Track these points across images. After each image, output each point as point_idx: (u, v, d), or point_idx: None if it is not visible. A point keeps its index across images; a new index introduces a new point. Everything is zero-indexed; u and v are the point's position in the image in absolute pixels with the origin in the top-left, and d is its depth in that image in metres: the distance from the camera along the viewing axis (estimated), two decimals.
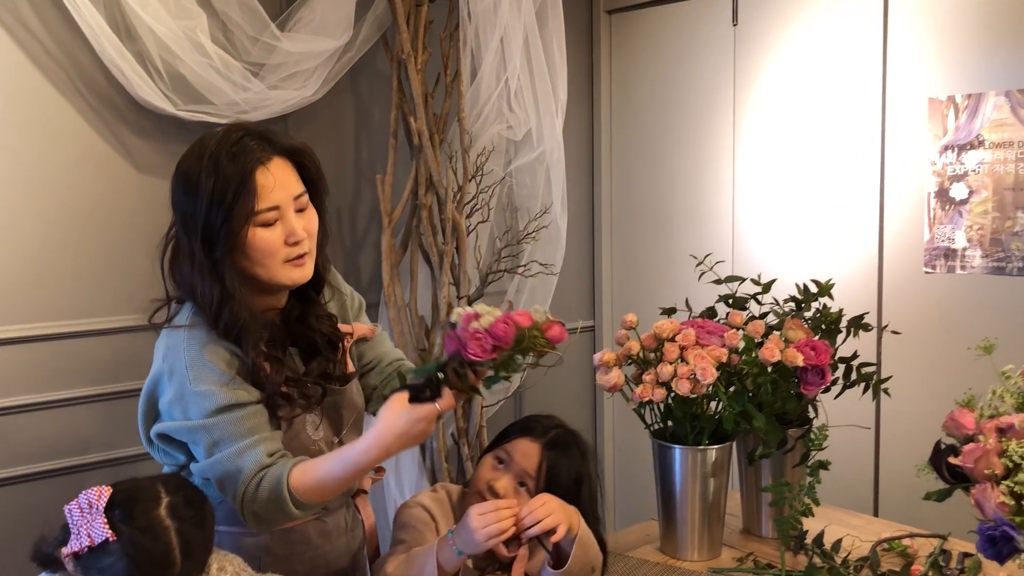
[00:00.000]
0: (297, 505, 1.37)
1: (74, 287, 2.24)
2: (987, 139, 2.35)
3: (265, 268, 1.44)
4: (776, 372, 1.71)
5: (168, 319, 1.48)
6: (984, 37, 2.35)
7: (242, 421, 1.40)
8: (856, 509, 2.09)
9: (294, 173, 1.46)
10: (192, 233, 1.41)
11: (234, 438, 1.39)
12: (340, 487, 1.42)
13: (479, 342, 1.33)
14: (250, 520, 1.40)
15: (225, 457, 1.39)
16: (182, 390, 1.41)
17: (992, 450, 1.14)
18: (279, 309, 1.55)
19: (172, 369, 1.42)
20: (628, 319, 1.77)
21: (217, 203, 1.38)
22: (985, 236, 2.38)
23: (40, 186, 2.17)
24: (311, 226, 1.48)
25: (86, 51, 2.16)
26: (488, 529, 1.46)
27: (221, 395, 1.39)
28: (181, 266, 1.45)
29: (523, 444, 1.67)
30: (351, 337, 1.66)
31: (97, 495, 1.24)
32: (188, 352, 1.42)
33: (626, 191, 3.32)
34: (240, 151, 1.40)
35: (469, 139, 2.58)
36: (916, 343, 2.50)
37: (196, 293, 1.43)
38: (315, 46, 2.38)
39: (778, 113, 2.82)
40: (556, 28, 2.69)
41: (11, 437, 2.17)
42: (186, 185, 1.42)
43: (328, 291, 1.65)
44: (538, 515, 1.50)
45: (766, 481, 1.84)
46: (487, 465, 1.68)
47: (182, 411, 1.42)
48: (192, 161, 1.42)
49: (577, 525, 1.57)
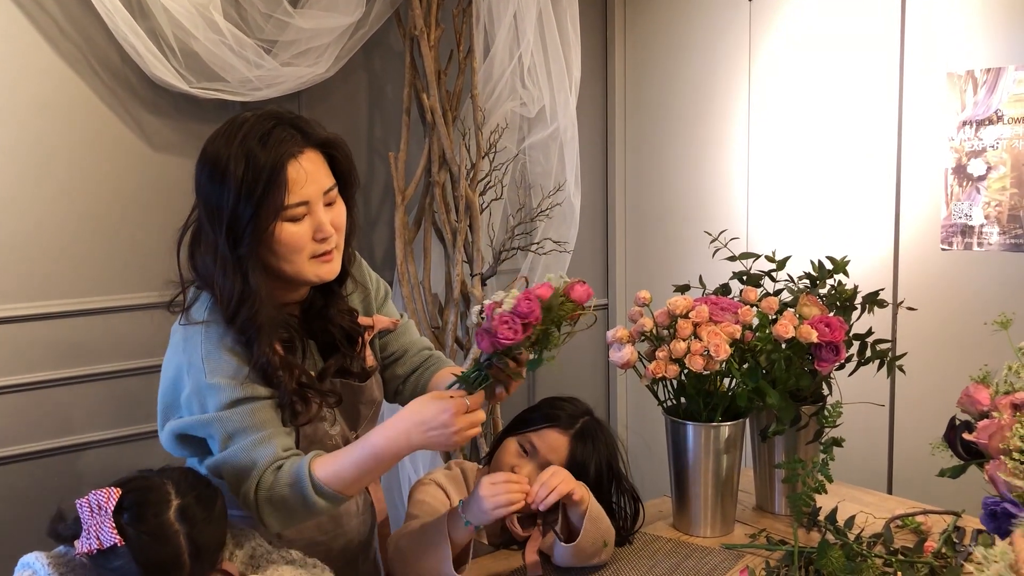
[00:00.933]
0: (319, 492, 1.34)
1: (91, 265, 2.26)
2: (1006, 114, 2.33)
3: (291, 264, 1.40)
4: (790, 349, 1.71)
5: (185, 308, 1.44)
6: (1004, 10, 2.32)
7: (255, 413, 1.38)
8: (870, 486, 2.09)
9: (325, 166, 1.42)
10: (217, 225, 1.36)
11: (248, 430, 1.37)
12: (362, 477, 1.37)
13: (508, 325, 1.31)
14: (266, 513, 1.36)
15: (240, 449, 1.36)
16: (198, 383, 1.38)
17: (1007, 425, 1.13)
18: (299, 303, 1.52)
19: (190, 362, 1.40)
20: (641, 296, 1.77)
21: (246, 195, 1.33)
22: (1003, 213, 2.35)
23: (56, 165, 2.18)
24: (339, 220, 1.43)
25: (100, 29, 2.17)
26: (497, 499, 1.45)
27: (236, 389, 1.37)
28: (203, 255, 1.41)
29: (550, 436, 1.66)
30: (372, 330, 1.63)
31: (107, 497, 1.22)
32: (205, 345, 1.39)
33: (640, 168, 3.30)
34: (273, 142, 1.35)
35: (482, 116, 2.57)
36: (932, 320, 2.48)
37: (215, 286, 1.39)
38: (327, 23, 2.38)
39: (794, 89, 2.80)
40: (570, 4, 2.68)
41: (20, 415, 2.19)
42: (213, 172, 1.36)
43: (351, 284, 1.60)
44: (551, 484, 1.51)
45: (779, 458, 1.84)
46: (511, 451, 1.68)
47: (199, 404, 1.39)
48: (220, 146, 1.37)
49: (587, 499, 1.58)
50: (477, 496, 1.47)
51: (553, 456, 1.65)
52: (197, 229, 1.43)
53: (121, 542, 1.19)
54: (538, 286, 1.35)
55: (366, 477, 1.37)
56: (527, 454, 1.66)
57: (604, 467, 1.70)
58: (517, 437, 1.69)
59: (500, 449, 1.71)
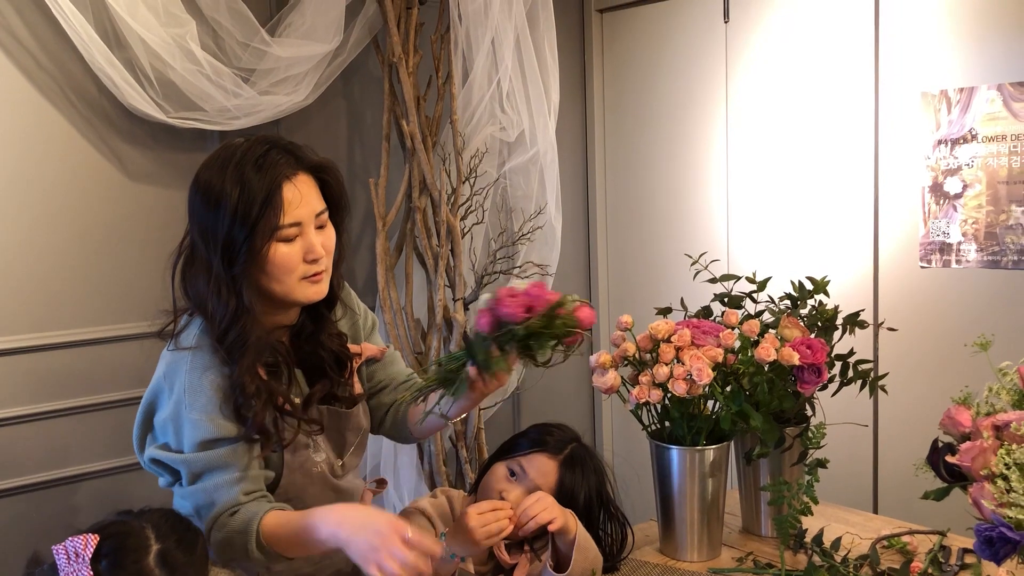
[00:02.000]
0: (259, 548, 1.35)
1: (68, 297, 2.23)
2: (980, 133, 2.35)
3: (281, 284, 1.42)
4: (772, 371, 1.71)
5: (176, 334, 1.46)
6: (975, 30, 2.35)
7: (224, 457, 1.39)
8: (855, 506, 2.09)
9: (317, 190, 1.44)
10: (212, 246, 1.38)
11: (215, 472, 1.39)
12: (297, 546, 1.35)
13: (514, 299, 1.33)
14: (215, 550, 1.38)
15: (202, 489, 1.39)
16: (177, 411, 1.40)
17: (989, 448, 1.13)
18: (288, 327, 1.53)
19: (172, 389, 1.42)
20: (623, 320, 1.76)
21: (242, 217, 1.36)
22: (980, 230, 2.37)
23: (33, 196, 2.17)
24: (329, 243, 1.46)
25: (76, 61, 2.16)
26: (488, 528, 1.46)
27: (210, 427, 1.38)
28: (195, 279, 1.43)
29: (539, 460, 1.66)
30: (360, 358, 1.64)
31: (84, 544, 1.19)
32: (189, 376, 1.40)
33: (620, 190, 3.31)
34: (267, 164, 1.38)
35: (462, 141, 2.58)
36: (913, 338, 2.50)
37: (208, 307, 1.41)
38: (305, 51, 2.38)
39: (771, 109, 2.82)
40: (547, 28, 2.69)
41: (5, 449, 2.16)
42: (207, 197, 1.39)
43: (340, 309, 1.62)
44: (532, 511, 1.51)
45: (764, 480, 1.84)
46: (499, 475, 1.67)
47: (174, 432, 1.41)
48: (215, 172, 1.39)
49: (575, 527, 1.57)
50: (465, 528, 1.46)
51: (542, 481, 1.64)
52: (190, 254, 1.45)
53: None
54: (550, 293, 1.38)
55: (299, 548, 1.36)
56: (516, 478, 1.65)
57: (593, 493, 1.70)
58: (506, 461, 1.68)
59: (488, 474, 1.69)
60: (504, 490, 1.62)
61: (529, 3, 2.64)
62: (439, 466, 2.63)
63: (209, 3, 2.28)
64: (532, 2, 2.65)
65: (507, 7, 2.54)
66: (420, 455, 2.66)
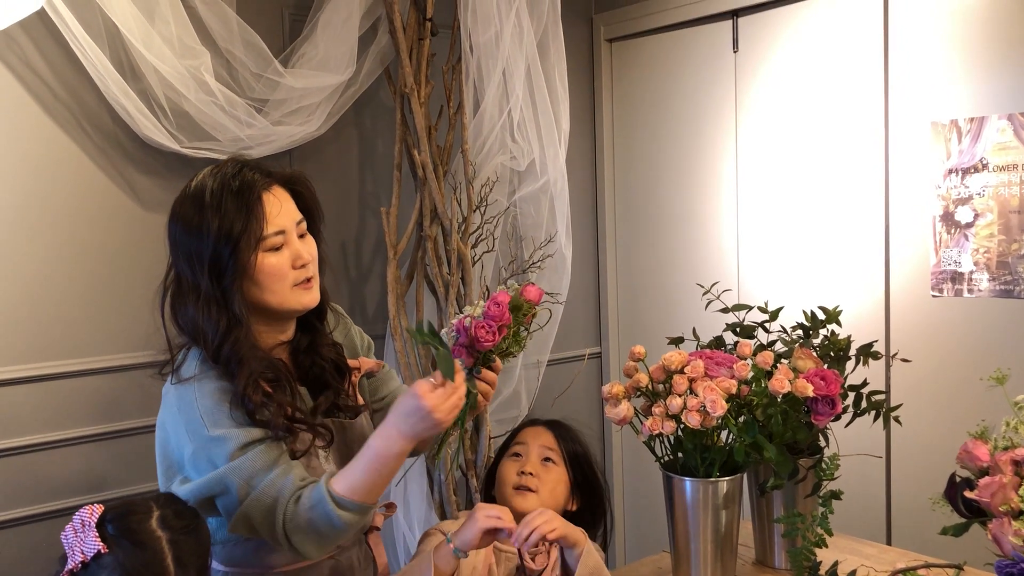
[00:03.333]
0: (341, 506, 1.36)
1: (82, 325, 2.24)
2: (991, 162, 2.35)
3: (275, 294, 1.46)
4: (786, 402, 1.70)
5: (175, 369, 1.48)
6: (985, 60, 2.36)
7: (264, 454, 1.41)
8: (868, 537, 2.07)
9: (291, 201, 1.50)
10: (198, 267, 1.42)
11: (263, 471, 1.40)
12: (374, 481, 1.40)
13: (485, 330, 1.44)
14: (299, 542, 1.38)
15: (261, 491, 1.39)
16: (202, 438, 1.41)
17: (1009, 484, 1.13)
18: (287, 343, 1.56)
19: (188, 421, 1.42)
20: (636, 351, 1.76)
21: (226, 234, 1.40)
22: (992, 259, 2.37)
23: (48, 225, 2.18)
24: (313, 251, 1.52)
25: (91, 91, 2.18)
26: (490, 511, 1.54)
27: (240, 435, 1.40)
28: (185, 307, 1.45)
29: (528, 430, 1.90)
30: (358, 372, 1.67)
31: (89, 513, 1.26)
32: (200, 401, 1.42)
33: (630, 218, 3.32)
34: (243, 183, 1.43)
35: (473, 170, 2.59)
36: (925, 368, 2.48)
37: (199, 329, 1.43)
38: (318, 81, 2.40)
39: (781, 140, 2.83)
40: (558, 59, 2.70)
41: (17, 477, 2.16)
42: (188, 225, 1.43)
43: (332, 318, 1.68)
44: (534, 523, 1.57)
45: (778, 511, 1.82)
46: (507, 466, 1.85)
47: (207, 458, 1.41)
48: (191, 203, 1.44)
49: (583, 542, 1.63)
50: (472, 519, 1.54)
51: (541, 439, 1.86)
52: (176, 287, 1.48)
53: (105, 549, 1.22)
54: (496, 295, 1.49)
55: (377, 480, 1.40)
56: (522, 456, 1.84)
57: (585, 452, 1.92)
58: (507, 454, 1.88)
59: (498, 472, 1.87)
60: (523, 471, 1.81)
61: (540, 34, 2.66)
62: (449, 495, 2.62)
63: (223, 35, 2.30)
64: (543, 33, 2.67)
65: (518, 38, 2.55)
66: (430, 484, 2.65)
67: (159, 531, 1.26)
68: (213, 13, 2.27)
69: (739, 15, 2.89)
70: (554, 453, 1.85)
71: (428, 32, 2.51)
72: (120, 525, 1.25)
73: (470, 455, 2.65)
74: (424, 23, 2.50)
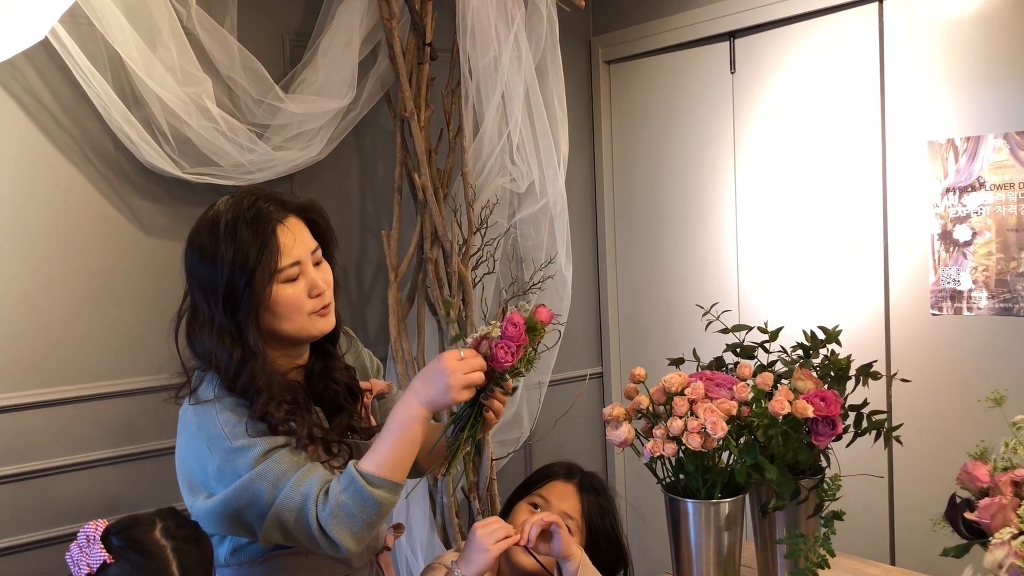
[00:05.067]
0: (373, 484, 1.38)
1: (88, 351, 2.25)
2: (988, 181, 2.37)
3: (293, 322, 1.47)
4: (787, 423, 1.70)
5: (193, 391, 1.49)
6: (980, 80, 2.38)
7: (288, 456, 1.42)
8: (872, 557, 2.07)
9: (306, 229, 1.51)
10: (212, 299, 1.43)
11: (289, 471, 1.41)
12: (400, 453, 1.42)
13: (504, 350, 1.46)
14: (334, 532, 1.37)
15: (289, 489, 1.39)
16: (224, 451, 1.42)
17: (1009, 505, 1.13)
18: (301, 367, 1.58)
19: (210, 437, 1.44)
20: (636, 373, 1.77)
21: (240, 267, 1.41)
22: (991, 277, 2.38)
23: (52, 252, 2.19)
24: (328, 278, 1.53)
25: (94, 119, 2.20)
26: (495, 534, 1.54)
27: (262, 442, 1.42)
28: (200, 335, 1.46)
29: (557, 486, 1.80)
30: (370, 393, 1.69)
31: (94, 528, 1.28)
32: (221, 416, 1.44)
33: (630, 239, 3.33)
34: (258, 214, 1.44)
35: (473, 193, 2.60)
36: (926, 387, 2.49)
37: (213, 359, 1.44)
38: (319, 107, 2.42)
39: (779, 159, 2.84)
40: (556, 81, 2.72)
41: (33, 500, 2.16)
42: (203, 254, 1.44)
43: (344, 341, 1.70)
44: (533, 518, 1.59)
45: (780, 532, 1.82)
46: (523, 510, 1.78)
47: (232, 470, 1.42)
48: (206, 232, 1.45)
49: (579, 556, 1.64)
50: (475, 543, 1.53)
51: (564, 504, 1.77)
52: (192, 315, 1.49)
53: (111, 559, 1.24)
54: (512, 315, 1.49)
55: (401, 453, 1.42)
56: (538, 508, 1.76)
57: (610, 517, 1.84)
58: (527, 499, 1.80)
59: (512, 513, 1.79)
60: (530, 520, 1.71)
61: (538, 57, 2.68)
62: (451, 518, 2.62)
63: (224, 61, 2.32)
64: (541, 56, 2.70)
65: (516, 62, 2.58)
66: (432, 507, 2.65)
67: (163, 540, 1.28)
68: (214, 40, 2.30)
69: (736, 36, 2.91)
70: (573, 523, 1.78)
71: (427, 57, 2.54)
72: (124, 537, 1.28)
73: (472, 477, 2.65)
74: (423, 48, 2.53)
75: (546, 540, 1.65)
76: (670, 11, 3.06)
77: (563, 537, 1.62)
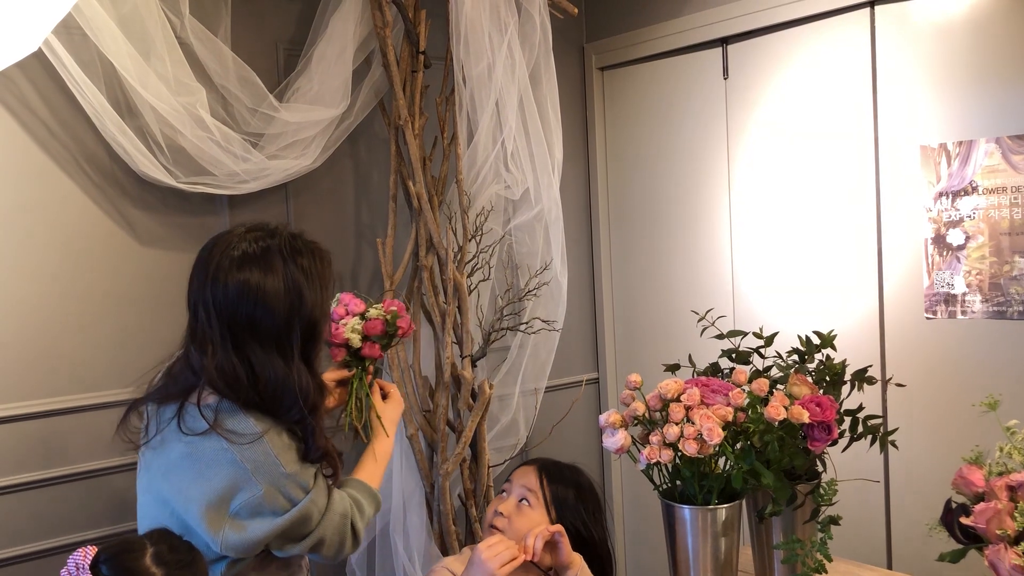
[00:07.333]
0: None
1: (82, 362, 2.24)
2: (980, 185, 2.38)
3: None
4: (783, 429, 1.71)
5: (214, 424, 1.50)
6: (972, 84, 2.39)
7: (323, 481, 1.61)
8: (869, 562, 2.07)
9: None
10: (298, 328, 1.56)
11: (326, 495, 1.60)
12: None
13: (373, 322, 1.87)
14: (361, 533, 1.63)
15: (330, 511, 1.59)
16: (275, 477, 1.51)
17: (1004, 510, 1.13)
18: None
19: (257, 464, 1.49)
20: (632, 379, 1.77)
21: (322, 304, 1.61)
22: (984, 281, 2.39)
23: (45, 263, 2.19)
24: None
25: (89, 129, 2.20)
26: (500, 556, 1.57)
27: (308, 470, 1.57)
28: (272, 363, 1.53)
29: (519, 470, 1.91)
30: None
31: (83, 555, 1.28)
32: (273, 442, 1.52)
33: (625, 245, 3.34)
34: (316, 252, 1.63)
35: (468, 200, 2.60)
36: (921, 390, 2.49)
37: (282, 387, 1.53)
38: (313, 115, 2.42)
39: (772, 165, 2.85)
40: (550, 88, 2.73)
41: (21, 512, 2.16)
42: (258, 298, 1.54)
43: None
44: (536, 530, 1.64)
45: (777, 537, 1.83)
46: (493, 502, 1.87)
47: (284, 495, 1.51)
48: (275, 274, 1.56)
49: (578, 564, 1.68)
50: (479, 562, 1.56)
51: (524, 479, 1.84)
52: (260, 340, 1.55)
53: None
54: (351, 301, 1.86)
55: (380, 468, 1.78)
56: (504, 492, 1.86)
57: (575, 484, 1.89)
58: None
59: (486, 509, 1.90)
60: (498, 508, 1.80)
61: (532, 64, 2.68)
62: (448, 525, 2.62)
63: (218, 71, 2.32)
64: (535, 63, 2.70)
65: (510, 69, 2.58)
66: (430, 514, 2.64)
67: (154, 568, 1.27)
68: (208, 50, 2.30)
69: (729, 42, 2.92)
70: (533, 495, 1.81)
71: (421, 65, 2.54)
72: (114, 565, 1.26)
73: (469, 485, 2.65)
74: (417, 56, 2.53)
75: (549, 550, 1.66)
76: (663, 17, 3.07)
77: (565, 545, 1.63)
